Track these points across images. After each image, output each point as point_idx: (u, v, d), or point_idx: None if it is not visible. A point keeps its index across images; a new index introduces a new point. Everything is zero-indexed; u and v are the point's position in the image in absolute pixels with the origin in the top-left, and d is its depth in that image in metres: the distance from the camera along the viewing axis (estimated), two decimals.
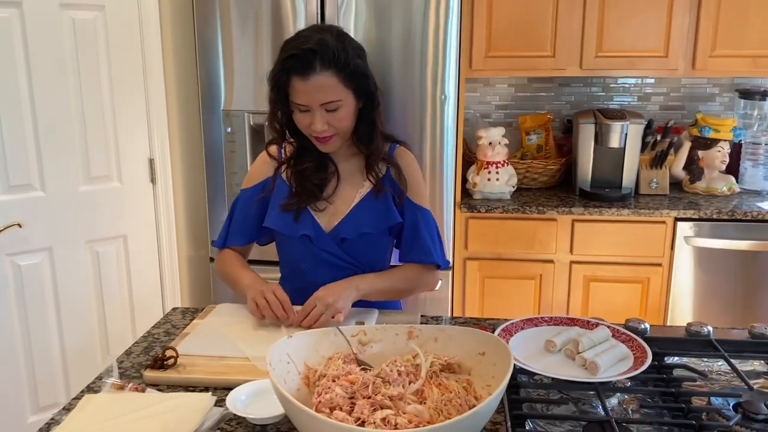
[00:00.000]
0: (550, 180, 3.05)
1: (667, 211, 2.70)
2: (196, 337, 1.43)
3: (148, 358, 1.39)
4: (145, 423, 1.12)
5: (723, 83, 3.14)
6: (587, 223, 2.75)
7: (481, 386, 1.14)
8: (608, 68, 2.88)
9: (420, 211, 1.65)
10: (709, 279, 2.75)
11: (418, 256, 1.65)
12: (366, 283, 1.56)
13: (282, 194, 1.64)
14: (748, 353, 1.36)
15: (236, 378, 1.26)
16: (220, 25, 2.57)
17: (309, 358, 1.19)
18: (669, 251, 2.74)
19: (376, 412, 1.03)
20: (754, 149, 2.94)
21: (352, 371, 1.13)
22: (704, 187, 2.93)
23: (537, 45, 2.84)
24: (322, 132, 1.51)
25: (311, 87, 1.46)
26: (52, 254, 2.52)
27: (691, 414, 1.12)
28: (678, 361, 1.33)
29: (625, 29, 2.80)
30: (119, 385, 1.25)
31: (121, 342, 2.72)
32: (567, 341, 1.32)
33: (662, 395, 1.20)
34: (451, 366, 1.18)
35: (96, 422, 1.12)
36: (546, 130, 3.12)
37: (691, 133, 2.97)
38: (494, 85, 3.23)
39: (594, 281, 2.79)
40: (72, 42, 2.43)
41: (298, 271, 1.67)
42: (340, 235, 1.61)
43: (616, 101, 3.21)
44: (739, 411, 1.14)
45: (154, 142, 2.68)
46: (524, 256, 2.79)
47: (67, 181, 2.50)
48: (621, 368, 1.24)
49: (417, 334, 1.25)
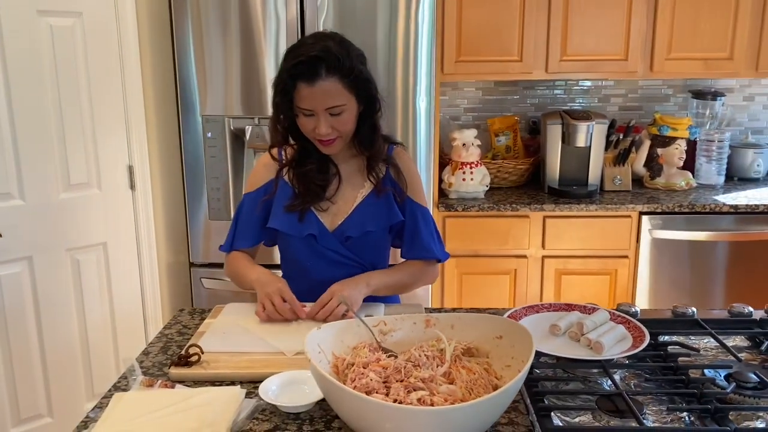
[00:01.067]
0: (519, 179, 3.17)
1: (631, 205, 2.86)
2: (214, 335, 1.46)
3: (168, 357, 1.42)
4: (182, 416, 1.15)
5: (677, 84, 3.33)
6: (558, 219, 2.88)
7: (501, 367, 1.22)
8: (572, 71, 3.03)
9: (419, 209, 1.73)
10: (670, 268, 2.91)
11: (420, 252, 1.72)
12: (375, 279, 1.64)
13: (285, 195, 1.69)
14: (730, 330, 1.48)
15: (262, 371, 1.30)
16: (198, 31, 2.59)
17: (335, 348, 1.24)
18: (634, 244, 2.89)
19: (411, 393, 1.10)
20: (707, 146, 3.13)
21: (381, 358, 1.20)
22: (664, 183, 3.10)
23: (505, 50, 2.96)
24: (326, 135, 1.57)
25: (317, 92, 1.52)
26: (32, 263, 2.49)
27: (691, 385, 1.23)
28: (670, 339, 1.44)
29: (588, 34, 2.95)
30: (149, 382, 1.28)
31: (102, 351, 2.71)
32: (570, 324, 1.42)
33: (662, 370, 1.30)
34: (470, 350, 1.26)
35: (133, 417, 1.15)
36: (514, 132, 3.24)
37: (650, 132, 3.14)
38: (463, 89, 3.34)
39: (565, 274, 2.93)
40: (50, 49, 2.41)
41: (302, 270, 1.71)
42: (344, 233, 1.67)
43: (578, 103, 3.36)
44: (731, 381, 1.26)
45: (133, 149, 2.68)
46: (499, 252, 2.90)
47: (46, 189, 2.48)
48: (622, 347, 1.34)
49: (434, 322, 1.32)
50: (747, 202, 2.85)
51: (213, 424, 1.12)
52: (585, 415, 1.17)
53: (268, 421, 1.18)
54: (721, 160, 3.13)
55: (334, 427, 1.15)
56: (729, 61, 2.97)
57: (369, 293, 1.61)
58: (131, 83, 2.63)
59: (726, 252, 2.88)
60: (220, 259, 2.73)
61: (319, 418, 1.18)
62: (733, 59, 2.96)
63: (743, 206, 2.83)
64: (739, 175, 3.23)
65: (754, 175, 3.21)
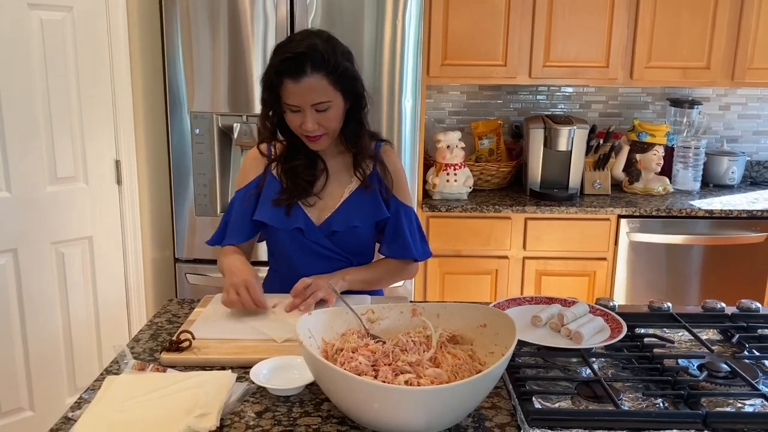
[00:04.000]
0: (501, 181, 3.23)
1: (611, 209, 2.93)
2: (204, 323, 1.49)
3: (158, 344, 1.45)
4: (176, 397, 1.18)
5: (655, 92, 3.41)
6: (539, 221, 2.94)
7: (485, 354, 1.26)
8: (555, 77, 3.09)
9: (403, 208, 1.76)
10: (647, 270, 2.99)
11: (399, 251, 1.76)
12: (351, 275, 1.69)
13: (273, 190, 1.72)
14: (703, 324, 1.54)
15: (251, 357, 1.34)
16: (187, 28, 2.62)
17: (325, 334, 1.28)
18: (613, 246, 2.96)
19: (399, 376, 1.14)
20: (684, 153, 3.22)
21: (369, 343, 1.24)
22: (642, 188, 3.18)
23: (490, 55, 3.03)
24: (312, 131, 1.60)
25: (302, 88, 1.55)
26: (17, 256, 2.50)
27: (666, 373, 1.28)
28: (647, 331, 1.50)
29: (570, 41, 3.02)
30: (140, 366, 1.30)
31: (85, 345, 2.71)
32: (551, 316, 1.47)
33: (638, 359, 1.36)
34: (455, 338, 1.30)
35: (126, 399, 1.18)
36: (497, 135, 3.31)
37: (629, 138, 3.22)
38: (448, 92, 3.40)
39: (545, 275, 2.99)
40: (40, 42, 2.43)
41: (288, 262, 1.75)
42: (330, 228, 1.71)
43: (560, 108, 3.43)
44: (704, 370, 1.31)
45: (120, 144, 2.69)
46: (481, 252, 2.96)
47: (33, 182, 2.49)
48: (601, 338, 1.39)
49: (420, 311, 1.36)
50: (722, 207, 2.94)
51: (206, 405, 1.14)
52: (564, 401, 1.21)
53: (259, 403, 1.21)
54: (697, 166, 3.22)
55: (323, 410, 1.19)
56: (706, 70, 3.06)
57: (345, 287, 1.65)
58: (120, 78, 2.65)
59: (700, 255, 2.97)
60: (206, 255, 2.79)
61: (308, 401, 1.22)
62: (710, 69, 3.05)
63: (718, 211, 2.91)
64: (715, 182, 3.32)
65: (729, 182, 3.31)
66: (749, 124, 3.47)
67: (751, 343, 1.45)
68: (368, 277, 1.73)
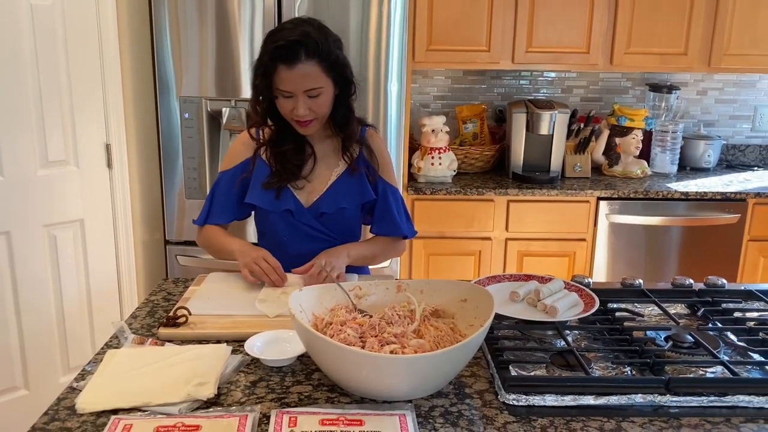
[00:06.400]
0: (485, 165, 3.31)
1: (590, 191, 3.02)
2: (200, 300, 1.56)
3: (155, 320, 1.52)
4: (175, 369, 1.25)
5: (635, 78, 3.50)
6: (521, 203, 3.02)
7: (465, 327, 1.34)
8: (537, 62, 3.17)
9: (390, 188, 1.85)
10: (625, 251, 3.09)
11: (389, 229, 1.84)
12: (354, 251, 1.77)
13: (263, 173, 1.79)
14: (672, 299, 1.64)
15: (245, 331, 1.41)
16: (176, 13, 2.65)
17: (315, 309, 1.36)
18: (592, 227, 3.06)
19: (385, 346, 1.22)
20: (662, 137, 3.31)
21: (357, 317, 1.31)
22: (621, 171, 3.27)
23: (474, 40, 3.09)
24: (303, 116, 1.67)
25: (296, 75, 1.61)
26: (10, 238, 2.54)
27: (634, 343, 1.37)
28: (618, 306, 1.59)
29: (552, 28, 3.09)
30: (140, 340, 1.37)
31: (78, 326, 2.77)
32: (528, 292, 1.55)
33: (609, 331, 1.45)
34: (438, 312, 1.39)
35: (129, 370, 1.25)
36: (481, 119, 3.38)
37: (609, 122, 3.30)
38: (432, 77, 3.46)
39: (527, 256, 3.08)
40: (30, 28, 2.45)
41: (279, 244, 1.82)
42: (319, 210, 1.78)
43: (542, 93, 3.51)
44: (670, 341, 1.41)
45: (110, 128, 2.73)
46: (465, 234, 3.04)
47: (24, 166, 2.52)
48: (575, 311, 1.48)
49: (405, 287, 1.44)
50: (697, 189, 3.04)
51: (204, 375, 1.22)
52: (540, 369, 1.30)
53: (253, 373, 1.28)
54: (674, 150, 3.31)
55: (313, 379, 1.27)
56: (684, 56, 3.14)
57: (349, 263, 1.72)
58: (109, 63, 2.68)
59: (677, 236, 3.07)
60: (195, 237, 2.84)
61: (299, 371, 1.29)
62: (687, 55, 3.14)
63: (693, 194, 3.01)
64: (691, 165, 3.42)
65: (705, 165, 3.41)
66: (725, 108, 3.57)
67: (715, 316, 1.54)
68: (368, 252, 1.82)
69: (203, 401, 1.17)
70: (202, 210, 1.87)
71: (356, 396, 1.20)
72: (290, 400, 1.19)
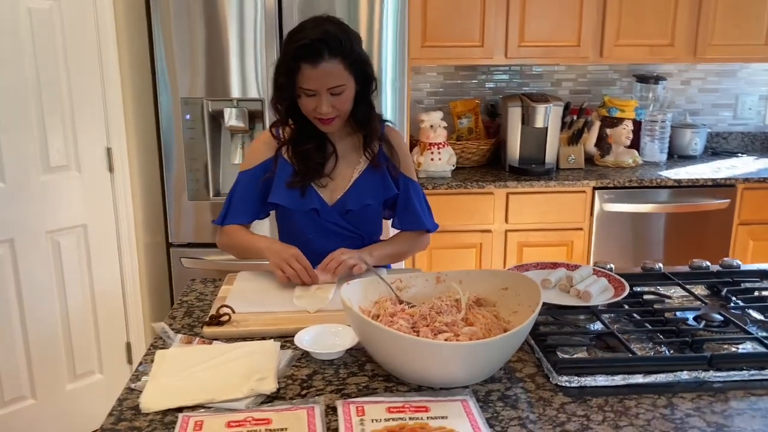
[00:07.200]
0: (481, 159, 3.36)
1: (586, 181, 3.09)
2: (237, 299, 1.57)
3: (194, 320, 1.52)
4: (230, 366, 1.26)
5: (622, 69, 3.58)
6: (520, 196, 3.08)
7: (508, 314, 1.38)
8: (530, 57, 3.22)
9: (411, 183, 1.87)
10: (621, 238, 3.17)
11: (412, 224, 1.87)
12: (377, 251, 1.79)
13: (286, 173, 1.79)
14: (692, 281, 1.70)
15: (288, 327, 1.43)
16: (175, 13, 2.63)
17: (361, 302, 1.38)
18: (589, 217, 3.13)
19: (438, 335, 1.25)
20: (651, 126, 3.40)
21: (405, 308, 1.34)
22: (613, 161, 3.35)
23: (468, 35, 3.14)
24: (326, 114, 1.68)
25: (320, 73, 1.63)
26: (14, 246, 2.51)
27: (669, 324, 1.43)
28: (643, 289, 1.64)
29: (543, 22, 3.15)
30: (187, 339, 1.38)
31: (83, 332, 2.74)
32: (559, 279, 1.60)
33: (641, 313, 1.50)
34: (479, 301, 1.42)
35: (184, 369, 1.26)
36: (475, 114, 3.43)
37: (600, 114, 3.38)
38: (425, 73, 3.50)
39: (526, 246, 3.14)
40: (28, 31, 2.42)
41: (304, 242, 1.82)
42: (345, 207, 1.80)
43: (532, 87, 3.57)
44: (700, 320, 1.46)
45: (111, 131, 2.71)
46: (466, 227, 3.08)
47: (26, 172, 2.49)
48: (607, 296, 1.53)
49: (443, 278, 1.47)
50: (688, 177, 3.13)
51: (262, 371, 1.23)
52: (581, 352, 1.34)
53: (306, 367, 1.30)
54: (663, 139, 3.41)
55: (367, 370, 1.29)
56: (671, 47, 3.23)
57: (374, 263, 1.74)
58: (108, 65, 2.66)
59: (670, 222, 3.16)
60: (200, 239, 2.85)
61: (351, 363, 1.32)
62: (674, 46, 3.23)
63: (686, 181, 3.10)
64: (679, 153, 3.52)
65: (692, 153, 3.51)
66: (708, 97, 3.67)
67: (737, 295, 1.60)
68: (392, 251, 1.84)
69: (266, 396, 1.18)
70: (222, 210, 1.87)
71: (413, 384, 1.23)
72: (349, 391, 1.21)
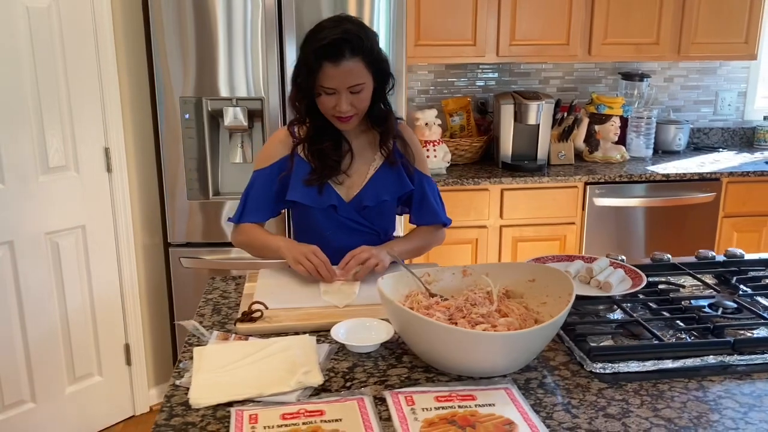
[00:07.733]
0: (474, 156, 3.41)
1: (578, 177, 3.16)
2: (265, 295, 1.58)
3: (223, 317, 1.53)
4: (271, 360, 1.28)
5: (607, 67, 3.67)
6: (514, 191, 3.14)
7: (537, 305, 1.42)
8: (521, 55, 3.28)
9: (426, 178, 1.91)
10: (612, 231, 3.25)
11: (429, 218, 1.91)
12: (397, 247, 1.81)
13: (302, 171, 1.81)
14: (701, 270, 1.76)
15: (320, 322, 1.45)
16: (174, 12, 2.63)
17: (393, 296, 1.40)
18: (580, 211, 3.20)
19: (476, 326, 1.29)
20: (637, 122, 3.49)
21: (439, 301, 1.38)
22: (601, 156, 3.43)
23: (460, 34, 3.18)
24: (346, 112, 1.71)
25: (341, 72, 1.65)
26: (13, 248, 2.48)
27: (687, 311, 1.49)
28: (656, 280, 1.70)
29: (534, 21, 3.22)
30: (223, 336, 1.39)
31: (83, 334, 2.72)
32: (578, 270, 1.65)
33: (659, 302, 1.56)
34: (508, 292, 1.46)
35: (225, 363, 1.27)
36: (467, 112, 3.48)
37: (588, 111, 3.45)
38: (416, 72, 3.53)
39: (521, 241, 3.20)
40: (26, 31, 2.40)
41: (321, 239, 1.84)
42: (362, 203, 1.82)
43: (520, 84, 3.63)
44: (715, 308, 1.53)
45: (109, 131, 2.69)
46: (462, 223, 3.13)
47: (25, 173, 2.47)
48: (625, 286, 1.58)
49: (470, 272, 1.51)
50: (675, 171, 3.22)
51: (304, 364, 1.25)
52: (606, 340, 1.39)
53: (345, 360, 1.33)
54: (649, 135, 3.50)
55: (405, 361, 1.32)
56: (656, 45, 3.32)
57: (393, 259, 1.77)
58: (106, 65, 2.64)
59: (659, 215, 3.25)
60: (199, 239, 2.84)
61: (388, 355, 1.34)
62: (659, 44, 3.32)
63: (673, 175, 3.20)
64: (663, 149, 3.62)
65: (676, 148, 3.61)
66: (690, 94, 3.78)
67: (746, 284, 1.67)
68: (412, 246, 1.88)
69: (314, 388, 1.20)
70: (237, 209, 1.88)
71: (453, 374, 1.26)
72: (392, 382, 1.24)
